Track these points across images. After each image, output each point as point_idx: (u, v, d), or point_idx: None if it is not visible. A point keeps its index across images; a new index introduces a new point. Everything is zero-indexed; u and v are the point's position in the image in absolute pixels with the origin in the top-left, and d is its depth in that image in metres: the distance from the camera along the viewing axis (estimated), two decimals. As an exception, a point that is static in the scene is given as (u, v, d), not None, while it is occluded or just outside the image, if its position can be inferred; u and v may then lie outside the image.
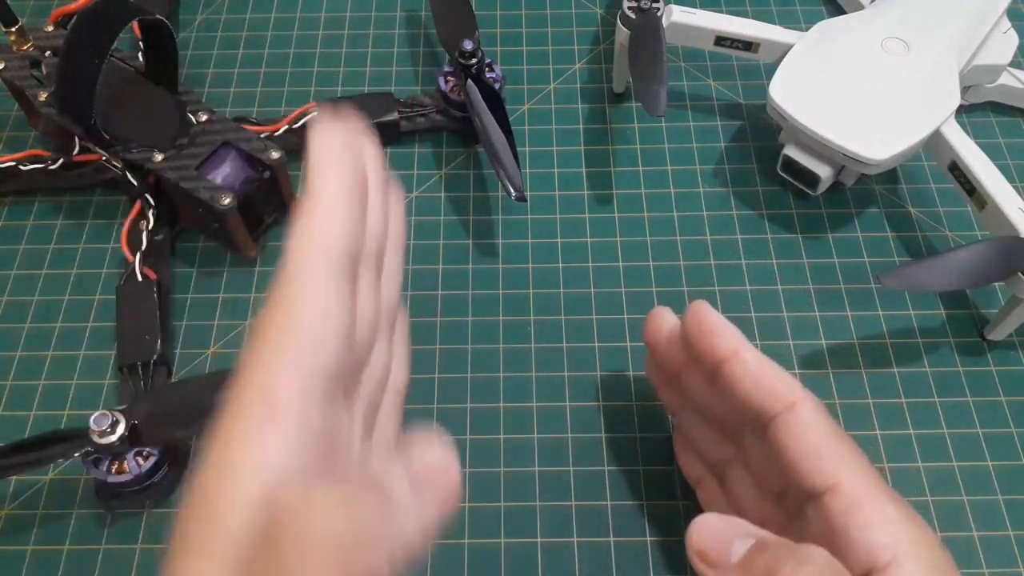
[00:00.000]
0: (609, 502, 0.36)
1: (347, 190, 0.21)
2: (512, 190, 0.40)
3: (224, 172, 0.40)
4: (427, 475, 0.19)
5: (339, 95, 0.48)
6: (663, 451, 0.37)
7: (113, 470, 0.34)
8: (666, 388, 0.34)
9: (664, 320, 0.33)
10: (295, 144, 0.45)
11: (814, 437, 0.27)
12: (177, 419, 0.34)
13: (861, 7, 0.46)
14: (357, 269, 0.22)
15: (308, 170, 0.21)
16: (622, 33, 0.43)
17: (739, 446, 0.31)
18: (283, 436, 0.18)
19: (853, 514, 0.25)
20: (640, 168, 0.45)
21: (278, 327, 0.20)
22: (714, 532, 0.26)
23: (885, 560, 0.24)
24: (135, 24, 0.41)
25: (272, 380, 0.19)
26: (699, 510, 0.32)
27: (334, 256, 0.20)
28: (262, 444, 0.18)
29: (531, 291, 0.41)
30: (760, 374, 0.28)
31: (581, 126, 0.47)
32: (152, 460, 0.34)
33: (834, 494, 0.26)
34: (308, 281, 0.20)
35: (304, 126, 0.45)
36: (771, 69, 0.42)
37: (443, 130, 0.47)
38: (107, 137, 0.40)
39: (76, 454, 0.33)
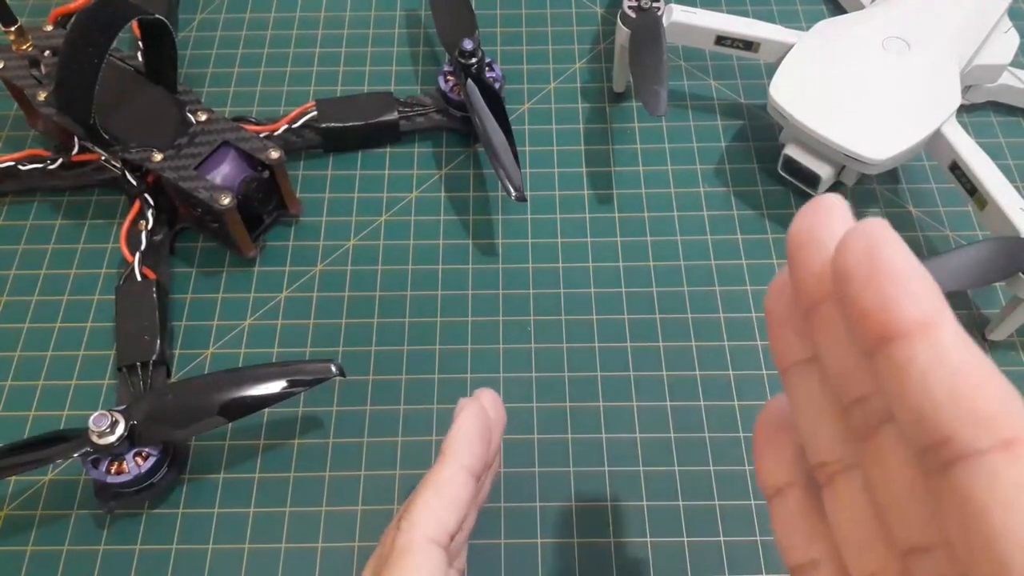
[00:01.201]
0: (609, 502, 0.36)
1: (470, 480, 0.26)
2: (512, 190, 0.40)
3: (223, 172, 0.40)
4: None
5: (339, 95, 0.48)
6: (663, 452, 0.37)
7: (112, 470, 0.34)
8: (787, 327, 0.20)
9: (833, 221, 0.18)
10: (294, 144, 0.45)
11: None
12: (176, 419, 0.34)
13: (861, 7, 0.46)
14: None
15: (446, 444, 0.27)
16: (622, 33, 0.43)
17: (870, 451, 0.18)
18: None
19: None
20: (640, 168, 0.45)
21: None
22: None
23: None
24: (134, 24, 0.41)
25: None
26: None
27: (443, 542, 0.25)
28: None
29: (531, 291, 0.41)
30: (963, 376, 0.15)
31: (581, 126, 0.47)
32: (151, 460, 0.34)
33: None
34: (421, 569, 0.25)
35: (304, 126, 0.45)
36: (772, 69, 0.42)
37: (443, 130, 0.46)
38: (106, 137, 0.40)
39: (76, 454, 0.33)
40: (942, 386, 0.15)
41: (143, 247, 0.40)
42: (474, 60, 0.43)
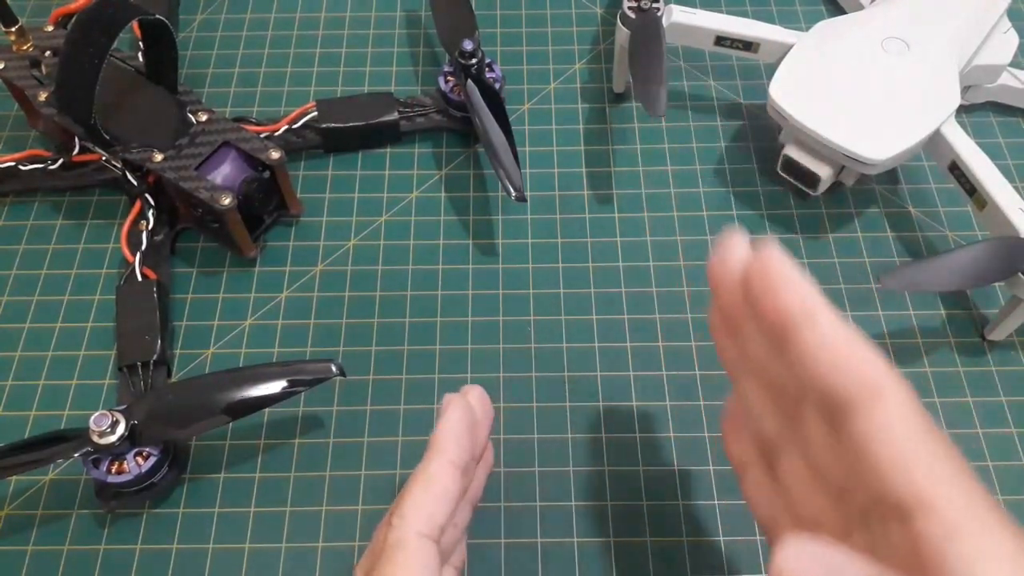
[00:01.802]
0: (609, 502, 0.36)
1: (456, 473, 0.27)
2: (512, 190, 0.40)
3: (224, 172, 0.40)
4: None
5: (339, 95, 0.48)
6: (663, 451, 0.37)
7: (113, 470, 0.34)
8: (728, 341, 0.28)
9: (735, 253, 0.26)
10: (295, 144, 0.45)
11: (906, 439, 0.21)
12: (177, 419, 0.34)
13: (861, 7, 0.46)
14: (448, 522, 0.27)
15: (433, 440, 0.28)
16: (622, 33, 0.43)
17: (799, 426, 0.25)
18: None
19: (954, 544, 0.19)
20: (640, 168, 0.45)
21: None
22: (817, 565, 0.20)
23: None
24: (135, 24, 0.41)
25: None
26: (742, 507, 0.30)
27: (434, 535, 0.26)
28: None
29: (531, 291, 0.41)
30: (840, 348, 0.22)
31: (581, 126, 0.47)
32: (152, 460, 0.34)
33: (929, 516, 0.20)
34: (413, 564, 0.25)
35: (305, 126, 0.45)
36: (771, 69, 0.42)
37: (443, 130, 0.47)
38: (107, 137, 0.40)
39: (76, 454, 0.33)
40: (825, 356, 0.22)
41: (144, 247, 0.41)
42: (474, 60, 0.43)
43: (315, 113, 0.45)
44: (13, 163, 0.43)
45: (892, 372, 0.22)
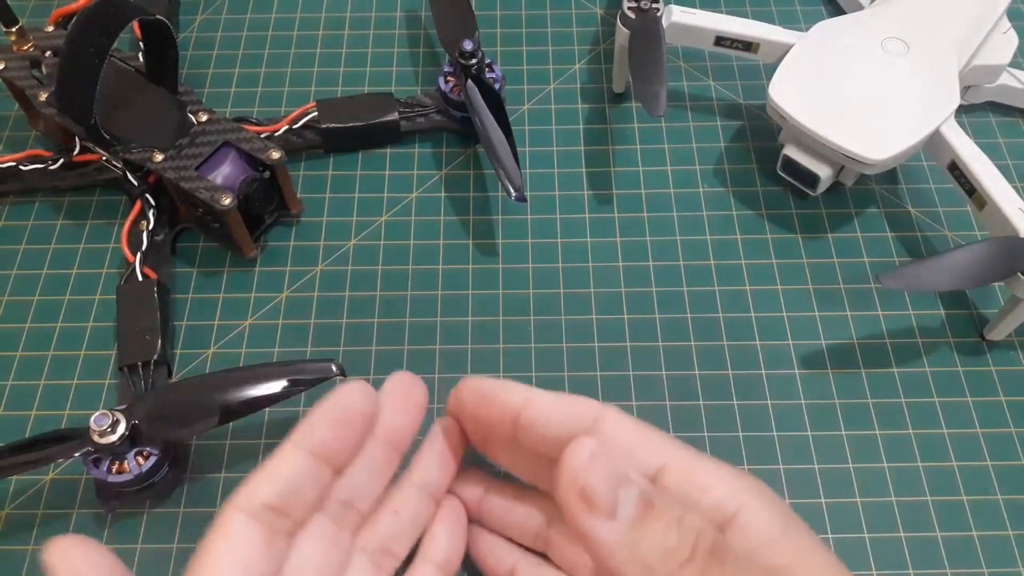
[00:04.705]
0: (609, 502, 0.36)
1: (307, 459, 0.27)
2: (512, 190, 0.40)
3: (224, 172, 0.40)
4: None
5: (339, 95, 0.48)
6: (663, 451, 0.37)
7: (113, 470, 0.34)
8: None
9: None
10: (295, 144, 0.45)
11: (634, 432, 0.27)
12: (177, 419, 0.34)
13: (861, 7, 0.46)
14: (297, 519, 0.27)
15: (295, 428, 0.27)
16: (622, 33, 0.43)
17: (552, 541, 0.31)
18: None
19: (690, 480, 0.26)
20: (640, 168, 0.45)
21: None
22: (605, 468, 0.23)
23: (732, 509, 0.25)
24: (135, 24, 0.41)
25: None
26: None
27: (250, 510, 0.26)
28: None
29: (531, 291, 0.41)
30: (558, 405, 0.28)
31: (581, 126, 0.47)
32: (152, 460, 0.34)
33: (666, 471, 0.26)
34: (219, 533, 0.25)
35: (305, 126, 0.45)
36: (771, 69, 0.42)
37: (443, 130, 0.47)
38: (107, 137, 0.40)
39: (76, 454, 0.33)
40: (554, 416, 0.28)
41: (144, 247, 0.41)
42: (474, 61, 0.43)
43: (315, 113, 0.45)
44: (13, 163, 0.43)
45: (600, 403, 0.28)
